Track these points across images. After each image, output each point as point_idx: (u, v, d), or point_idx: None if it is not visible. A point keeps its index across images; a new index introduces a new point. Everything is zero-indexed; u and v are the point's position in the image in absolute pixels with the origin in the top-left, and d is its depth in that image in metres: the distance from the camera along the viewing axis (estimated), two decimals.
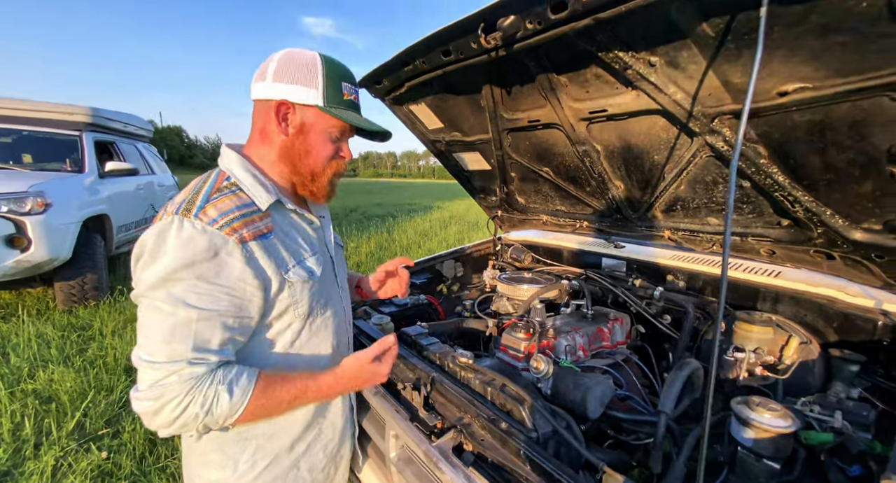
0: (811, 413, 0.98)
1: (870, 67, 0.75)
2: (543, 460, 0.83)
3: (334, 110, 0.86)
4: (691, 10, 0.83)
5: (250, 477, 0.91)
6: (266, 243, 0.82)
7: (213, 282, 0.75)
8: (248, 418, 0.81)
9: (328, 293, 0.98)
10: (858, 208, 1.02)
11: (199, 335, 0.74)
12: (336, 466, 1.09)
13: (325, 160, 0.90)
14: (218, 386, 0.75)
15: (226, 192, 0.81)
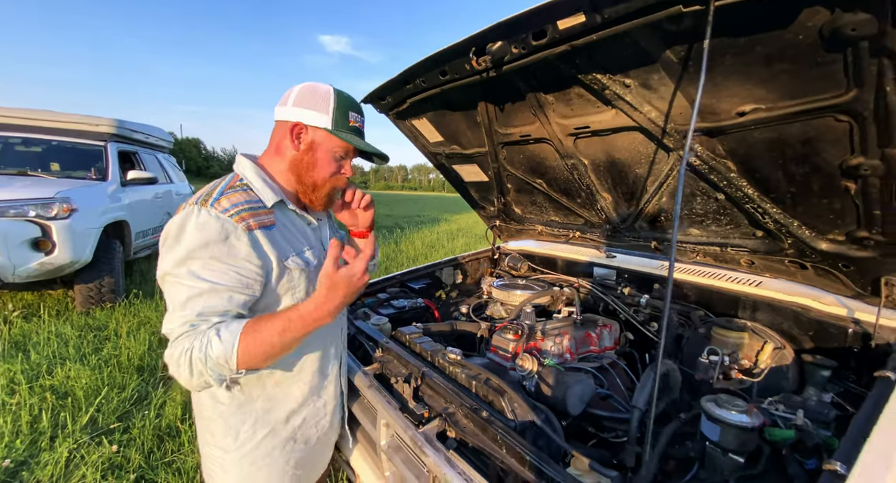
0: (776, 412, 1.03)
1: (812, 91, 0.84)
2: (518, 445, 0.90)
3: (340, 133, 1.00)
4: (655, 38, 0.93)
5: (250, 446, 1.02)
6: (269, 233, 0.95)
7: (224, 261, 0.88)
8: (247, 357, 0.86)
9: None
10: (822, 220, 1.09)
11: (207, 302, 0.86)
12: (325, 444, 1.19)
13: (327, 175, 1.04)
14: (210, 333, 0.85)
15: (238, 189, 0.95)
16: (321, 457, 1.20)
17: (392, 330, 1.63)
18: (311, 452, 1.13)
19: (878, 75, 0.73)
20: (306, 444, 1.11)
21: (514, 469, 0.88)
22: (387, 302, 1.87)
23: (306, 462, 1.13)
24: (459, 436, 1.02)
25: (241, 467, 1.03)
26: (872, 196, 0.93)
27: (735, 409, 0.99)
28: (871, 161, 0.86)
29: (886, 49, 0.68)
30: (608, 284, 1.83)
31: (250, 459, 1.03)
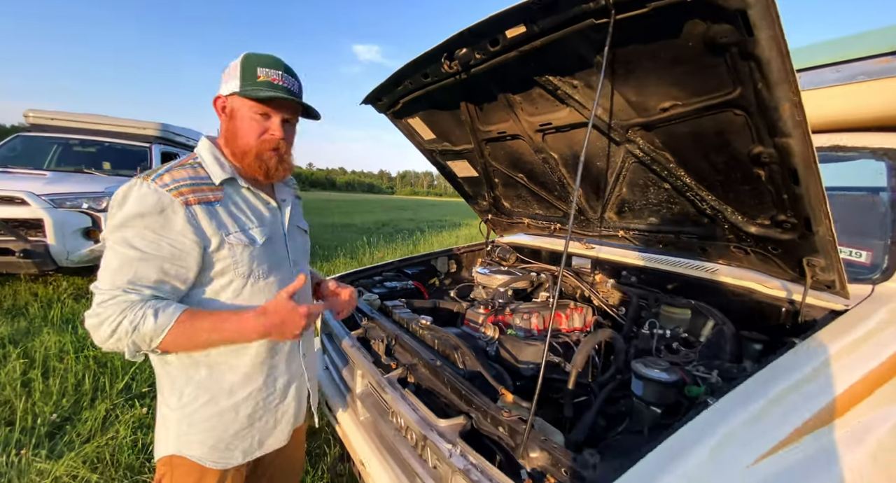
0: (697, 372, 1.16)
1: (710, 89, 0.98)
2: (458, 383, 1.07)
3: (247, 90, 0.99)
4: (586, 45, 1.09)
5: (191, 409, 1.02)
6: (210, 209, 0.97)
7: (158, 232, 0.91)
8: (172, 343, 0.91)
9: (273, 262, 1.09)
10: (748, 205, 1.22)
11: (138, 271, 0.90)
12: (276, 421, 1.14)
13: (251, 139, 1.02)
14: (147, 310, 0.88)
15: (186, 167, 0.99)
16: (273, 434, 1.14)
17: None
18: (257, 428, 1.10)
19: (750, 75, 0.87)
20: (250, 418, 1.08)
21: (453, 402, 1.05)
22: (380, 283, 2.07)
23: (250, 436, 1.09)
24: (417, 381, 1.20)
25: (180, 427, 1.03)
26: (777, 181, 1.05)
27: (657, 368, 1.13)
28: (768, 149, 0.99)
29: (750, 53, 0.83)
30: (583, 272, 1.97)
31: (189, 422, 1.03)
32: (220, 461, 1.06)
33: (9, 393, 2.68)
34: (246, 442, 1.09)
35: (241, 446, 1.09)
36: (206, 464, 1.04)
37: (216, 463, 1.06)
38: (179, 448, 1.03)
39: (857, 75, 1.73)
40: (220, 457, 1.06)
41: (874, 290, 1.30)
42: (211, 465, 1.05)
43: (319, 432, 2.50)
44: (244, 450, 1.09)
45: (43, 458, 2.19)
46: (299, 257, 1.21)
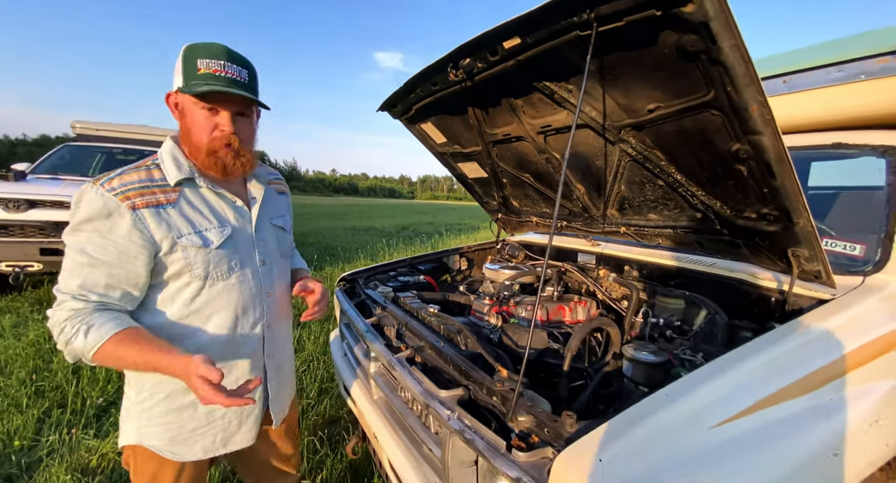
0: (684, 356, 1.24)
1: (688, 92, 1.08)
2: (459, 361, 1.19)
3: (190, 86, 0.94)
4: (577, 53, 1.20)
5: (149, 404, 1.04)
6: (160, 212, 0.96)
7: (105, 236, 0.92)
8: (101, 360, 0.91)
9: (234, 263, 1.08)
10: (735, 200, 1.29)
11: (87, 277, 0.91)
12: (241, 420, 1.15)
13: (202, 137, 1.00)
14: (80, 325, 0.89)
15: (141, 169, 0.98)
16: (239, 432, 1.16)
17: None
18: (219, 426, 1.12)
19: (720, 79, 0.96)
20: (209, 416, 1.09)
21: (454, 377, 1.17)
22: (394, 277, 2.21)
23: (211, 433, 1.11)
24: (424, 361, 1.32)
25: (139, 420, 1.05)
26: (756, 176, 1.13)
27: (645, 351, 1.21)
28: (745, 146, 1.07)
29: (716, 60, 0.92)
30: (588, 268, 2.05)
31: (147, 415, 1.04)
32: (177, 453, 1.08)
33: (60, 379, 2.94)
34: (207, 439, 1.11)
35: (202, 442, 1.10)
36: (164, 455, 1.07)
37: (174, 454, 1.08)
38: (140, 438, 1.06)
39: (858, 74, 1.77)
40: (179, 449, 1.08)
41: (864, 281, 1.35)
42: (169, 455, 1.07)
43: (339, 421, 2.65)
44: (204, 446, 1.11)
45: (91, 436, 2.41)
46: (271, 256, 1.18)
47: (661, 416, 0.81)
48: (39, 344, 3.45)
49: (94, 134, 6.45)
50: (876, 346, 1.18)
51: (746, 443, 0.84)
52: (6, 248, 4.34)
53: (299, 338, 3.79)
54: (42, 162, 5.66)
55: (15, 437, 2.34)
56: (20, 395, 2.71)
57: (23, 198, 4.40)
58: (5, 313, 4.27)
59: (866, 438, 1.04)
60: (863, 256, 1.46)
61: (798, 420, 0.95)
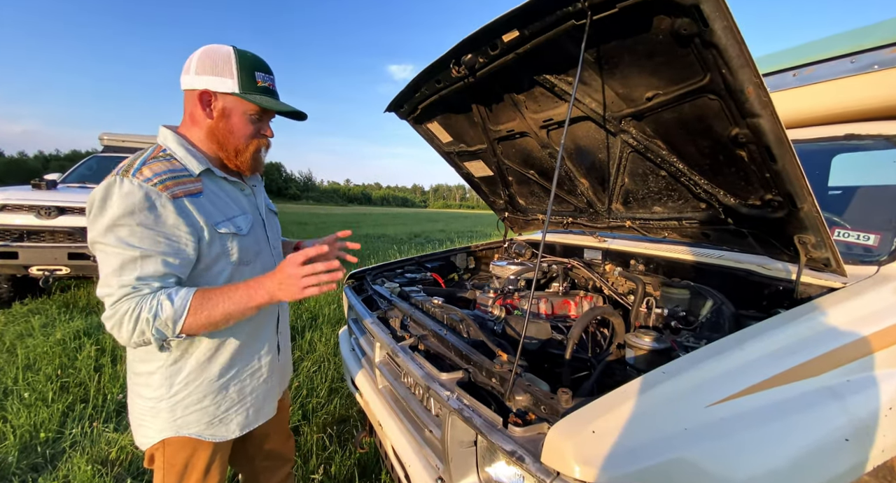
0: (687, 343, 1.22)
1: (684, 77, 1.08)
2: (461, 346, 1.20)
3: (249, 96, 1.00)
4: (574, 44, 1.22)
5: (183, 394, 1.07)
6: (196, 201, 0.99)
7: (152, 228, 0.91)
8: (192, 323, 0.92)
9: (258, 248, 1.15)
10: (738, 187, 1.28)
11: (143, 268, 0.91)
12: (267, 392, 1.22)
13: (246, 139, 1.06)
14: (160, 296, 0.91)
15: (160, 159, 0.98)
16: (263, 405, 1.22)
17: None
18: (250, 401, 1.18)
19: (714, 62, 0.97)
20: (241, 394, 1.15)
21: (455, 361, 1.18)
22: (401, 274, 2.24)
23: (244, 409, 1.17)
24: (427, 348, 1.34)
25: (174, 413, 1.06)
26: (757, 160, 1.12)
27: (647, 337, 1.21)
28: (743, 130, 1.07)
29: (710, 42, 0.93)
30: (594, 263, 2.04)
31: (183, 405, 1.07)
32: (217, 434, 1.12)
33: (84, 376, 3.05)
34: (241, 415, 1.16)
35: (237, 420, 1.15)
36: (204, 438, 1.10)
37: (214, 436, 1.11)
38: (177, 430, 1.07)
39: (872, 65, 1.75)
40: (217, 430, 1.12)
41: (879, 270, 1.32)
42: (209, 438, 1.10)
43: (348, 419, 2.67)
44: (240, 422, 1.16)
45: (111, 429, 2.49)
46: (277, 239, 1.28)
47: (657, 392, 0.81)
48: (65, 342, 3.59)
49: (120, 145, 6.74)
50: (890, 334, 1.15)
51: (748, 422, 0.83)
52: (37, 253, 4.55)
53: (311, 340, 3.85)
54: (72, 172, 5.94)
55: (41, 430, 2.44)
56: (46, 389, 2.83)
57: (53, 205, 4.62)
58: (35, 314, 4.45)
59: (879, 426, 1.01)
60: (877, 246, 1.43)
61: (805, 403, 0.93)
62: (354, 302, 1.90)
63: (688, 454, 0.75)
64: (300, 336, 3.92)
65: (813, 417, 0.91)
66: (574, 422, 0.76)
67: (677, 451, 0.75)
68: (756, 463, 0.80)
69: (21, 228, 4.51)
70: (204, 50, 1.02)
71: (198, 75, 1.00)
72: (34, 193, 4.75)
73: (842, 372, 1.00)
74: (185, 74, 1.02)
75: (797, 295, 1.28)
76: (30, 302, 4.94)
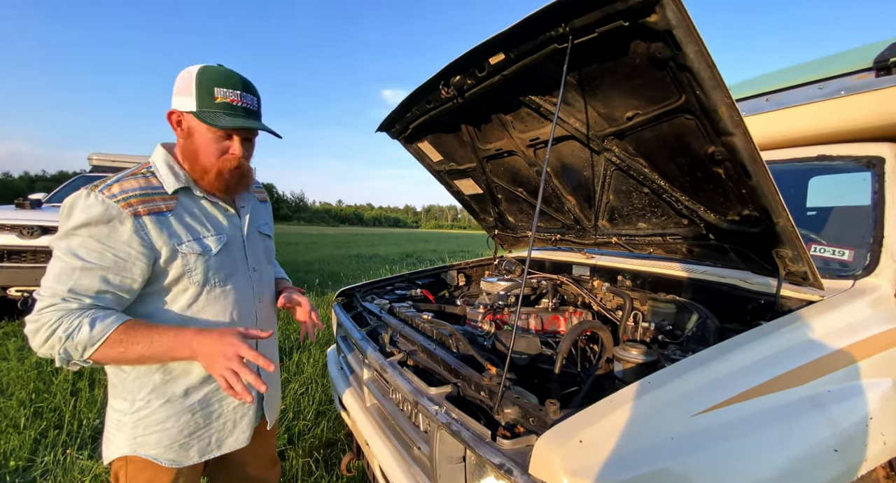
0: (674, 356, 1.23)
1: (661, 98, 1.14)
2: (450, 360, 1.20)
3: (204, 114, 0.98)
4: (557, 67, 1.28)
5: (145, 412, 1.03)
6: (161, 219, 0.98)
7: (103, 242, 0.91)
8: (104, 354, 0.90)
9: (230, 270, 1.11)
10: (717, 203, 1.33)
11: (79, 281, 0.90)
12: (235, 422, 1.16)
13: (212, 159, 1.03)
14: (83, 319, 0.88)
15: (138, 176, 0.99)
16: (233, 435, 1.17)
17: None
18: (214, 428, 1.12)
19: (689, 84, 1.03)
20: (207, 419, 1.11)
21: (444, 376, 1.17)
22: (391, 291, 2.23)
23: (207, 436, 1.11)
24: (416, 364, 1.33)
25: (135, 430, 1.03)
26: (734, 177, 1.17)
27: (635, 350, 1.22)
28: (719, 148, 1.12)
29: (683, 66, 0.99)
30: (583, 279, 2.07)
31: (144, 424, 1.03)
32: (175, 460, 1.07)
33: (59, 400, 2.93)
34: (203, 442, 1.11)
35: (198, 446, 1.10)
36: (161, 462, 1.05)
37: (171, 462, 1.07)
38: (135, 448, 1.03)
39: (839, 91, 1.85)
40: (176, 456, 1.07)
41: (854, 284, 1.36)
42: (166, 463, 1.06)
43: (336, 443, 2.59)
44: (200, 449, 1.11)
45: (85, 457, 2.38)
46: (260, 262, 1.23)
47: (643, 402, 0.82)
48: (42, 366, 3.46)
49: (109, 165, 6.71)
50: (868, 345, 1.18)
51: (734, 431, 0.84)
52: (17, 274, 4.43)
53: (298, 361, 3.77)
54: (58, 192, 5.88)
55: (11, 458, 2.32)
56: (19, 415, 2.70)
57: (36, 224, 4.54)
58: (11, 337, 4.30)
59: (863, 436, 1.02)
60: (852, 261, 1.48)
61: (788, 413, 0.94)
62: (343, 319, 1.88)
63: (675, 463, 0.75)
64: (287, 357, 3.84)
65: (796, 427, 0.92)
66: (561, 432, 0.76)
67: (665, 461, 0.75)
68: (743, 472, 0.80)
69: (1, 248, 4.42)
70: (185, 70, 1.02)
71: (174, 96, 1.01)
72: (17, 213, 4.68)
73: (823, 382, 1.02)
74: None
75: (778, 308, 1.31)
76: (6, 324, 4.77)
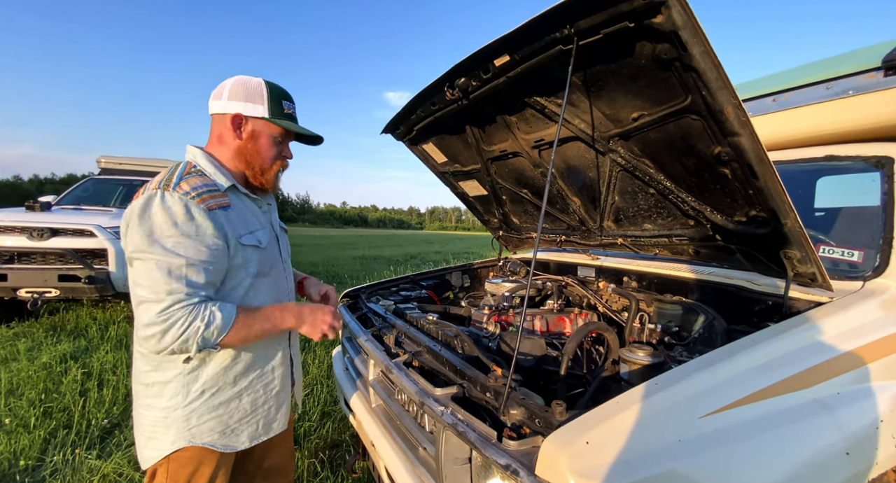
0: (680, 358, 1.23)
1: (667, 98, 1.14)
2: (455, 361, 1.20)
3: (277, 120, 1.14)
4: (562, 68, 1.28)
5: (198, 403, 1.09)
6: (226, 213, 1.06)
7: (194, 238, 0.98)
8: (234, 335, 1.01)
9: (273, 261, 1.22)
10: (724, 204, 1.32)
11: (189, 277, 0.97)
12: (278, 406, 1.26)
13: (271, 159, 1.18)
14: (212, 307, 0.98)
15: (194, 174, 1.06)
16: (277, 418, 1.26)
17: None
18: (261, 413, 1.21)
19: (694, 85, 1.02)
20: (254, 405, 1.18)
21: (449, 377, 1.18)
22: (396, 292, 2.24)
23: (255, 421, 1.19)
24: (421, 365, 1.33)
25: (189, 422, 1.08)
26: (741, 177, 1.17)
27: (641, 352, 1.21)
28: (725, 148, 1.12)
29: (689, 66, 0.99)
30: (588, 280, 2.06)
31: (197, 414, 1.08)
32: (228, 444, 1.14)
33: (68, 400, 2.96)
34: (252, 427, 1.19)
35: (248, 431, 1.18)
36: (216, 448, 1.12)
37: (225, 447, 1.13)
38: (190, 439, 1.08)
39: (847, 90, 1.83)
40: (229, 441, 1.14)
41: (864, 285, 1.34)
42: (220, 448, 1.12)
43: (341, 444, 2.60)
44: (250, 434, 1.18)
45: (94, 456, 2.40)
46: (287, 256, 1.35)
47: (650, 403, 0.81)
48: (51, 366, 3.50)
49: (117, 167, 6.79)
50: (878, 347, 1.17)
51: (741, 433, 0.83)
52: (27, 275, 4.49)
53: (304, 362, 3.78)
54: (67, 194, 5.95)
55: (21, 457, 2.35)
56: (29, 415, 2.74)
57: (46, 226, 4.60)
58: (21, 338, 4.36)
59: (872, 439, 1.01)
60: (861, 262, 1.46)
61: (797, 415, 0.93)
62: (349, 320, 1.89)
63: (682, 465, 0.75)
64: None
65: (805, 430, 0.91)
66: (568, 433, 0.76)
67: (672, 463, 0.75)
68: (751, 475, 0.80)
69: (11, 250, 4.47)
70: (236, 80, 1.14)
71: (230, 101, 1.11)
72: (27, 215, 4.74)
73: (832, 384, 1.01)
74: (215, 100, 1.13)
75: (786, 309, 1.30)
76: (16, 325, 4.83)
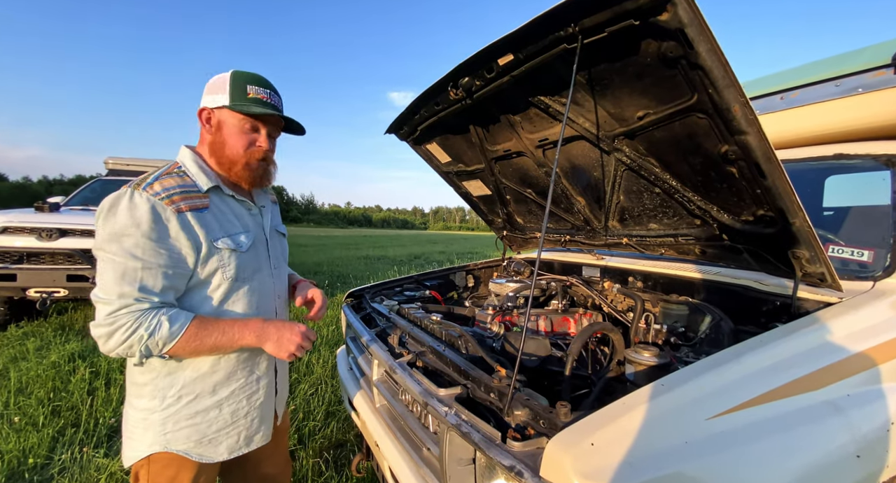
0: (686, 359, 1.21)
1: (673, 97, 1.13)
2: (458, 361, 1.19)
3: (237, 105, 1.06)
4: (566, 67, 1.27)
5: (175, 408, 1.06)
6: (200, 215, 1.03)
7: (155, 240, 0.95)
8: (182, 347, 0.97)
9: (257, 266, 1.16)
10: (731, 203, 1.31)
11: (143, 281, 0.94)
12: (262, 418, 1.21)
13: (240, 150, 1.10)
14: (161, 316, 0.94)
15: (173, 175, 1.04)
16: (260, 431, 1.21)
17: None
18: (242, 425, 1.16)
19: (701, 83, 1.01)
20: (234, 415, 1.14)
21: (453, 377, 1.17)
22: (400, 292, 2.24)
23: (235, 432, 1.15)
24: (424, 364, 1.33)
25: (164, 426, 1.05)
26: (748, 176, 1.15)
27: (646, 352, 1.20)
28: (732, 147, 1.11)
29: (695, 64, 0.98)
30: (593, 280, 2.05)
31: (174, 419, 1.06)
32: (204, 455, 1.10)
33: (76, 399, 2.99)
34: (231, 438, 1.14)
35: (226, 442, 1.13)
36: (191, 457, 1.08)
37: (201, 457, 1.09)
38: (165, 444, 1.06)
39: (856, 88, 1.81)
40: (205, 451, 1.10)
41: (875, 285, 1.33)
42: (196, 458, 1.09)
43: (345, 444, 2.61)
44: (229, 446, 1.14)
45: (101, 455, 2.42)
46: (279, 260, 1.29)
47: (656, 405, 0.81)
48: (59, 365, 3.53)
49: (125, 168, 6.85)
50: (888, 348, 1.15)
51: (749, 436, 0.82)
52: (36, 275, 4.54)
53: (308, 362, 3.80)
54: (75, 195, 6.01)
55: (30, 455, 2.37)
56: (38, 414, 2.77)
57: (55, 227, 4.65)
58: (30, 337, 4.41)
59: (883, 442, 0.99)
60: (872, 262, 1.44)
61: (805, 417, 0.92)
62: (353, 320, 1.89)
63: (688, 468, 0.74)
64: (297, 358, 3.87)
65: (814, 432, 0.90)
66: (573, 434, 0.75)
67: (677, 465, 0.74)
68: (759, 477, 0.79)
69: (21, 251, 4.52)
70: (214, 77, 1.12)
71: (205, 96, 1.11)
72: (36, 216, 4.79)
73: (841, 386, 1.00)
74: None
75: (794, 310, 1.28)
76: (25, 325, 4.89)
